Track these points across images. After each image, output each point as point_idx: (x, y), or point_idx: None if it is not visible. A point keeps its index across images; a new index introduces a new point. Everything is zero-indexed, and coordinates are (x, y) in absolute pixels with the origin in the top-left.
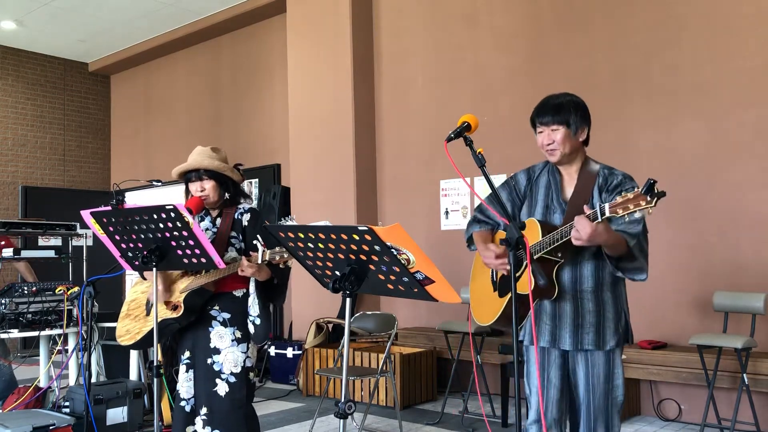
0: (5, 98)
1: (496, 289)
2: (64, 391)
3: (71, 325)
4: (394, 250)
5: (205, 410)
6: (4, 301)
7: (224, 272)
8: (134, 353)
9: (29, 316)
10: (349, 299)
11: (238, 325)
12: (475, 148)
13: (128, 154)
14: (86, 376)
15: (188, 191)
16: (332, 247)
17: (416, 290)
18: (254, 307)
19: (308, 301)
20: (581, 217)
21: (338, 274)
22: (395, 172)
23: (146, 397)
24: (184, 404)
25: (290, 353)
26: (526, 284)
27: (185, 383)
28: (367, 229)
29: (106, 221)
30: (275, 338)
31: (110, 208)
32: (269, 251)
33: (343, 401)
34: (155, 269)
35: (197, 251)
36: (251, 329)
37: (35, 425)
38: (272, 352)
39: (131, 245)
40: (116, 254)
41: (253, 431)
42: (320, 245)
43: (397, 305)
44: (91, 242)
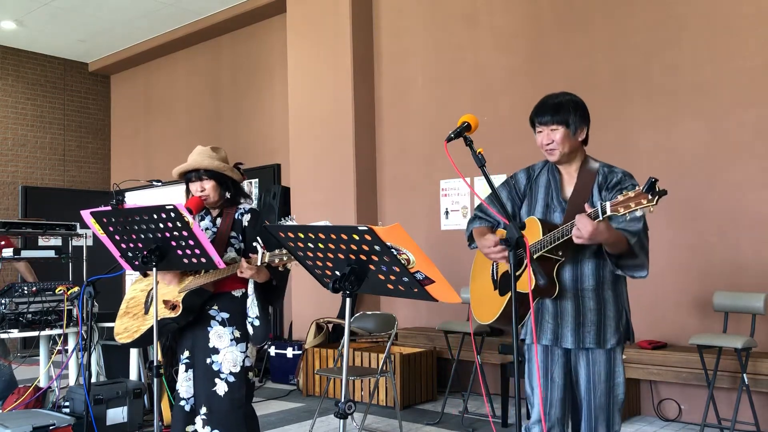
0: (5, 98)
1: (496, 287)
2: (64, 391)
3: (71, 325)
4: (394, 250)
5: (204, 410)
6: (4, 301)
7: (224, 273)
8: (134, 353)
9: (29, 316)
10: (349, 299)
11: (237, 324)
12: (475, 148)
13: (128, 154)
14: (86, 376)
15: (189, 191)
16: (332, 247)
17: (416, 290)
18: (253, 308)
19: (308, 301)
20: (582, 215)
21: (338, 274)
22: (395, 172)
23: (146, 397)
24: (183, 404)
25: (290, 353)
26: (526, 283)
27: (185, 383)
28: (367, 229)
29: (106, 221)
30: (275, 338)
31: (110, 208)
32: (269, 253)
33: (343, 401)
34: (155, 269)
35: (197, 251)
36: (250, 330)
37: (35, 425)
38: (272, 352)
39: (131, 245)
40: (116, 254)
41: (252, 431)
42: (320, 245)
43: (397, 305)
44: (91, 242)
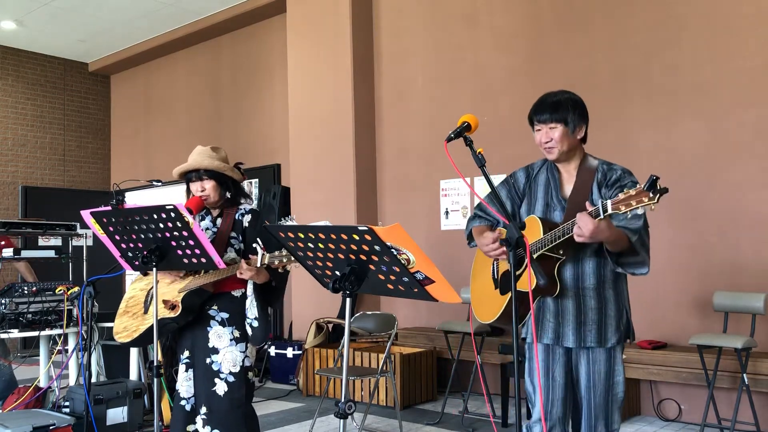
0: (5, 98)
1: (497, 287)
2: (64, 391)
3: (71, 325)
4: (394, 250)
5: (204, 409)
6: (4, 301)
7: (224, 273)
8: (134, 353)
9: (29, 316)
10: (349, 299)
11: (236, 324)
12: (475, 148)
13: (128, 154)
14: (86, 376)
15: (189, 191)
16: (332, 247)
17: (416, 290)
18: (252, 309)
19: (308, 301)
20: (583, 213)
21: (338, 274)
22: (395, 172)
23: (146, 397)
24: (184, 403)
25: (290, 353)
26: (526, 282)
27: (185, 383)
28: (367, 229)
29: (106, 221)
30: (275, 338)
31: (110, 208)
32: (268, 255)
33: (343, 401)
34: (155, 269)
35: (197, 251)
36: (249, 331)
37: (35, 425)
38: (272, 352)
39: (131, 245)
40: (116, 254)
41: (252, 431)
42: (320, 245)
43: (397, 305)
44: (91, 242)
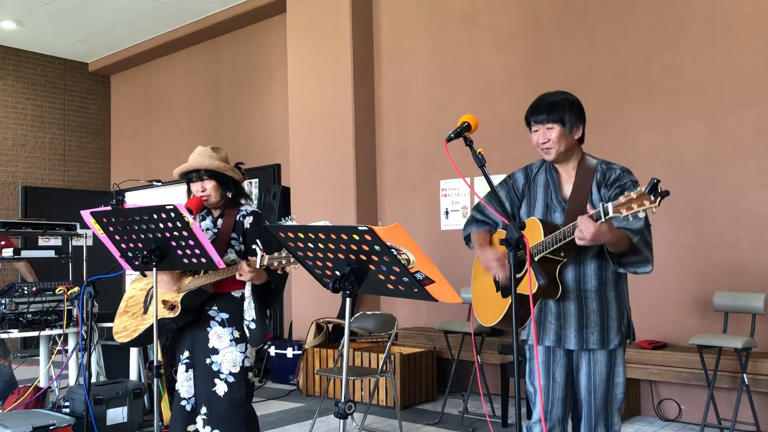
0: (5, 98)
1: (498, 289)
2: (64, 391)
3: (71, 325)
4: (394, 250)
5: (204, 410)
6: (4, 301)
7: (223, 274)
8: (134, 353)
9: (29, 316)
10: (349, 299)
11: (236, 325)
12: (475, 148)
13: (128, 154)
14: (86, 376)
15: (190, 192)
16: (332, 247)
17: (416, 290)
18: (249, 311)
19: (308, 301)
20: (584, 216)
21: (338, 274)
22: (395, 172)
23: (146, 397)
24: (184, 404)
25: (290, 353)
26: (527, 285)
27: (185, 383)
28: (367, 229)
29: (106, 221)
30: (275, 338)
31: (110, 208)
32: (268, 256)
33: (343, 401)
34: (155, 269)
35: (197, 251)
36: (247, 333)
37: (35, 425)
38: (272, 352)
39: (131, 245)
40: (116, 254)
41: (252, 431)
42: (320, 245)
43: (397, 305)
44: (91, 242)
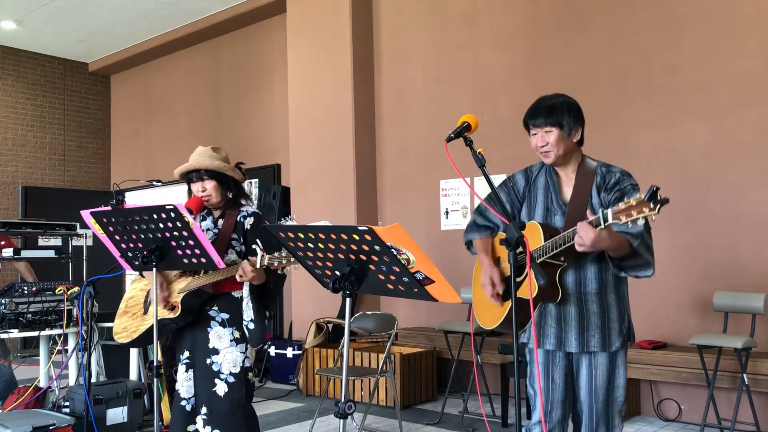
0: (5, 98)
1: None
2: (64, 391)
3: (71, 325)
4: (394, 250)
5: (205, 410)
6: (4, 301)
7: (223, 274)
8: (134, 353)
9: (29, 316)
10: (349, 299)
11: (236, 325)
12: (475, 148)
13: (128, 154)
14: (86, 376)
15: (190, 192)
16: (332, 247)
17: (416, 290)
18: (248, 311)
19: (308, 301)
20: (584, 223)
21: (338, 274)
22: (395, 172)
23: (146, 397)
24: (184, 404)
25: (290, 353)
26: (527, 289)
27: (185, 383)
28: (367, 229)
29: (106, 221)
30: (275, 338)
31: (110, 208)
32: (268, 256)
33: (343, 401)
34: (155, 269)
35: (197, 251)
36: (246, 333)
37: (35, 425)
38: (272, 352)
39: (131, 245)
40: (116, 254)
41: (252, 431)
42: (320, 245)
43: (397, 305)
44: (91, 242)
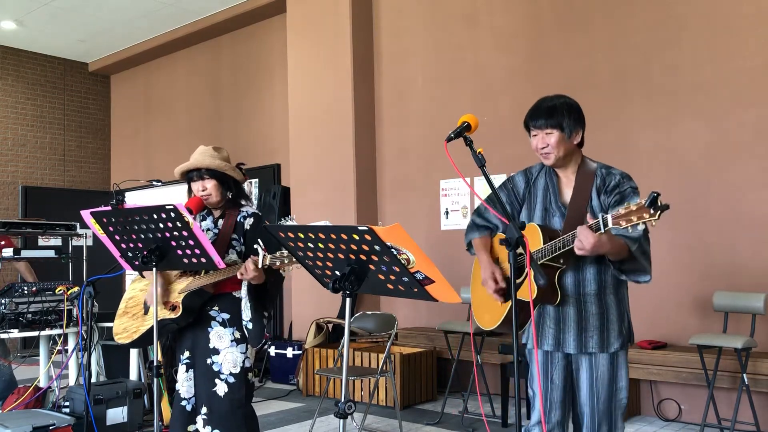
0: (5, 98)
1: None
2: (64, 391)
3: (71, 325)
4: (394, 250)
5: (205, 410)
6: (4, 301)
7: (224, 274)
8: (134, 353)
9: (29, 316)
10: (349, 299)
11: (237, 325)
12: (475, 148)
13: (128, 154)
14: (86, 376)
15: (190, 191)
16: (332, 247)
17: (416, 290)
18: (246, 311)
19: (308, 301)
20: (584, 227)
21: (338, 274)
22: (395, 172)
23: (146, 397)
24: (185, 404)
25: (290, 353)
26: (527, 291)
27: (185, 383)
28: (367, 229)
29: (106, 221)
30: (275, 338)
31: (110, 208)
32: (270, 256)
33: (343, 401)
34: (155, 269)
35: (197, 251)
36: (245, 333)
37: (35, 425)
38: (272, 352)
39: (131, 245)
40: (116, 254)
41: (252, 431)
42: (320, 245)
43: (397, 305)
44: (91, 242)
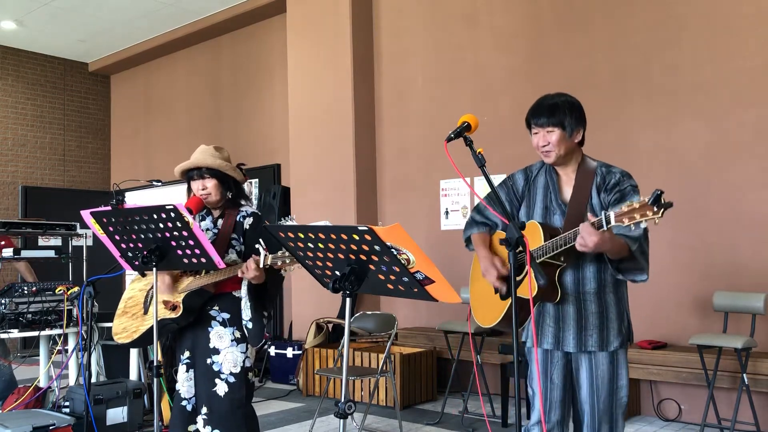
0: (5, 98)
1: (497, 291)
2: (64, 391)
3: (71, 325)
4: (394, 250)
5: (205, 410)
6: (4, 301)
7: (224, 274)
8: (134, 353)
9: (29, 316)
10: (349, 299)
11: (237, 325)
12: (475, 148)
13: (128, 154)
14: (86, 376)
15: (190, 190)
16: (332, 247)
17: (416, 290)
18: (246, 311)
19: (308, 301)
20: (587, 225)
21: (338, 274)
22: (395, 172)
23: (146, 397)
24: (185, 404)
25: (290, 353)
26: (527, 288)
27: (185, 383)
28: (367, 229)
29: (106, 221)
30: (275, 338)
31: (110, 208)
32: (271, 255)
33: (343, 401)
34: (155, 269)
35: (197, 251)
36: (245, 333)
37: (35, 425)
38: (272, 352)
39: (131, 245)
40: (116, 254)
41: (252, 431)
42: (320, 245)
43: (397, 305)
44: (91, 242)
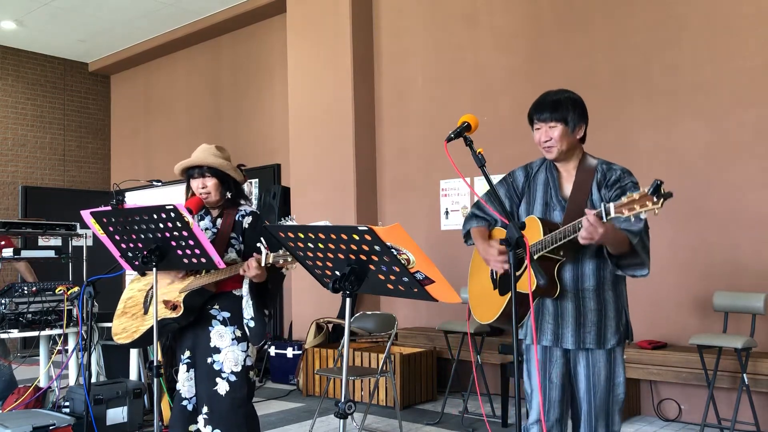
0: (5, 98)
1: (496, 287)
2: (64, 391)
3: (71, 325)
4: (394, 250)
5: (206, 409)
6: (4, 301)
7: (225, 273)
8: (134, 353)
9: (29, 316)
10: (349, 299)
11: (238, 324)
12: (475, 148)
13: (128, 154)
14: (86, 376)
15: (189, 189)
16: (332, 247)
17: (416, 290)
18: (248, 309)
19: (308, 301)
20: (592, 216)
21: (338, 274)
22: (395, 172)
23: (146, 397)
24: (186, 403)
25: (290, 353)
26: (526, 283)
27: (186, 383)
28: (367, 229)
29: (106, 221)
30: (275, 338)
31: (110, 208)
32: (273, 254)
33: (343, 401)
34: (155, 269)
35: (197, 251)
36: (246, 332)
37: (35, 425)
38: (272, 352)
39: (131, 245)
40: (116, 254)
41: (253, 431)
42: (320, 245)
43: (397, 305)
44: (91, 242)
